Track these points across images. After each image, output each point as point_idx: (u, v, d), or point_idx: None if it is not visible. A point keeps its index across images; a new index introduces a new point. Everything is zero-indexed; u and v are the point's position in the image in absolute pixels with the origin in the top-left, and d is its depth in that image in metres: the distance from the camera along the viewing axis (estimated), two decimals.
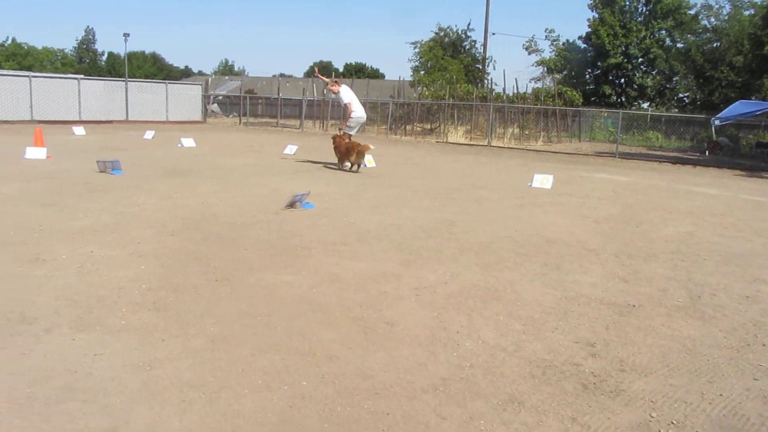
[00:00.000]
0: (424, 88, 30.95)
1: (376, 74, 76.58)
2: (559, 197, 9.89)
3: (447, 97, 26.75)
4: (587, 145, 23.27)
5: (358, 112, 12.83)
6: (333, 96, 13.89)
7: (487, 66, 35.92)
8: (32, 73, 26.86)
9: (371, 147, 12.24)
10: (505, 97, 26.70)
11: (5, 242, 5.69)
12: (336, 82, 13.23)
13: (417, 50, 36.03)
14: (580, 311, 4.52)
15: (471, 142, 22.60)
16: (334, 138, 12.72)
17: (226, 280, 4.87)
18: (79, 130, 19.09)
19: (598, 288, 5.11)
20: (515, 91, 27.57)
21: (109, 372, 3.26)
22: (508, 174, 13.18)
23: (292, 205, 7.81)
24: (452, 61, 34.27)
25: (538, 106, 25.15)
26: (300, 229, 6.69)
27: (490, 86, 31.07)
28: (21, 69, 57.06)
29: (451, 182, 11.23)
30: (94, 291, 4.48)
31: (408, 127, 26.29)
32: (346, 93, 12.79)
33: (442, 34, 36.57)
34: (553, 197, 9.85)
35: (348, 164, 12.17)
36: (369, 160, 13.00)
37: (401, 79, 32.17)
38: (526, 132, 24.87)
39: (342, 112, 12.96)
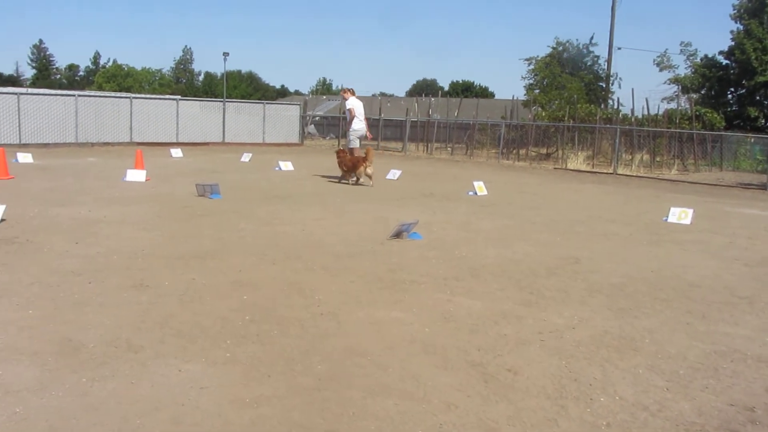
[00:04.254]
0: (540, 109, 30.64)
1: (485, 93, 76.66)
2: (701, 234, 9.44)
3: (566, 118, 26.33)
4: (730, 175, 22.13)
5: (357, 125, 14.63)
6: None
7: (612, 84, 35.23)
8: (133, 95, 28.77)
9: (372, 154, 13.75)
10: (633, 119, 25.91)
11: (110, 267, 6.08)
12: (350, 90, 14.95)
13: (531, 67, 35.86)
14: (734, 369, 4.27)
15: (593, 170, 22.04)
16: (337, 153, 14.58)
17: (332, 314, 4.97)
18: (176, 152, 20.21)
19: (754, 342, 4.81)
20: (645, 113, 26.73)
21: (216, 407, 3.39)
22: (638, 206, 12.75)
23: (398, 235, 7.89)
24: (571, 79, 33.81)
25: (672, 130, 24.22)
26: (408, 262, 6.75)
27: (615, 107, 30.34)
28: (121, 90, 61.52)
29: (573, 214, 10.99)
30: (198, 320, 4.70)
31: (521, 152, 26.02)
32: (354, 102, 14.66)
33: (560, 48, 36.25)
34: (694, 234, 9.41)
35: (355, 178, 13.77)
36: (480, 187, 12.97)
37: (514, 98, 31.93)
38: (658, 159, 23.99)
39: (347, 118, 14.96)
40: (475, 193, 12.79)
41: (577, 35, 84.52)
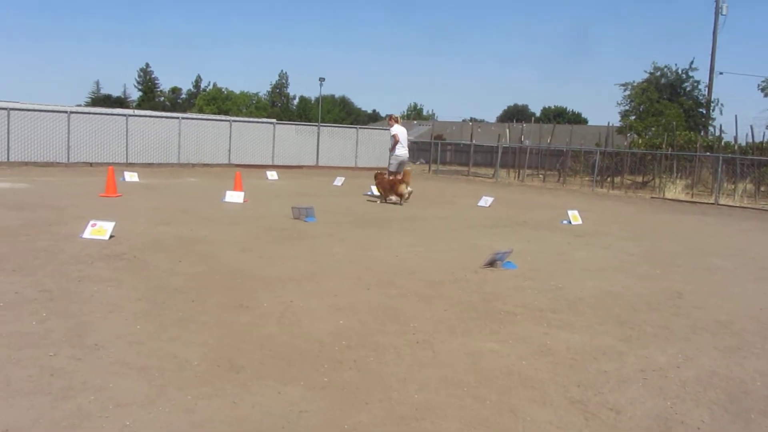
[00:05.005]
0: (636, 136, 29.77)
1: (578, 119, 75.27)
2: None
3: (664, 145, 25.48)
4: None
5: (399, 150, 15.33)
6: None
7: (713, 110, 33.88)
8: (232, 118, 29.87)
9: (409, 176, 14.77)
10: (736, 147, 24.80)
11: (211, 286, 6.29)
12: (395, 118, 15.94)
13: (627, 92, 34.99)
14: None
15: (693, 199, 21.19)
16: (376, 176, 15.45)
17: (427, 342, 4.95)
18: (272, 175, 20.80)
19: None
20: (749, 140, 25.52)
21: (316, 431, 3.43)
22: (743, 239, 12.15)
23: (492, 263, 7.81)
24: (670, 105, 32.73)
25: None
26: (503, 292, 6.66)
27: (717, 134, 29.13)
28: (220, 113, 64.05)
29: (673, 246, 10.58)
30: (296, 343, 4.78)
31: (616, 180, 25.32)
32: (397, 129, 15.40)
33: (658, 74, 35.21)
34: None
35: (393, 198, 14.62)
36: (574, 216, 12.69)
37: (609, 124, 31.18)
38: (763, 189, 22.82)
39: (391, 144, 15.72)
40: (570, 222, 12.52)
41: (676, 60, 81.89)
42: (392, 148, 15.55)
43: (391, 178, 15.10)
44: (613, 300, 6.57)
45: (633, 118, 33.42)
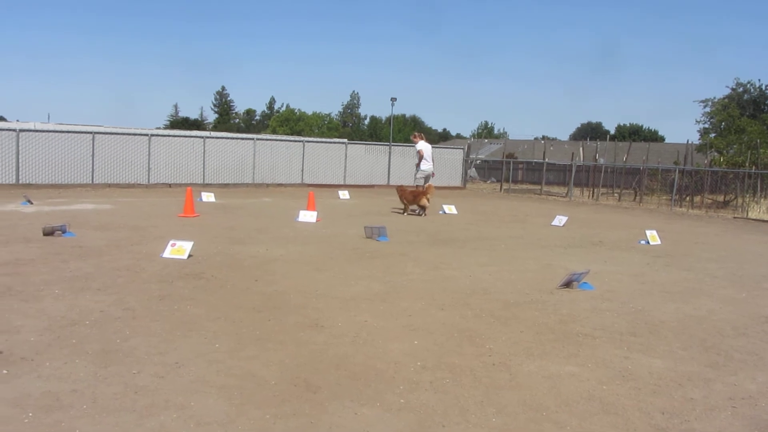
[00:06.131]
0: (717, 154, 28.77)
1: (654, 137, 73.34)
2: None
3: (747, 164, 24.51)
4: None
5: (424, 165, 16.54)
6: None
7: None
8: (305, 138, 30.37)
9: (432, 190, 16.06)
10: None
11: (287, 305, 6.38)
12: (420, 135, 17.17)
13: (707, 110, 33.94)
14: None
15: None
16: (397, 188, 16.62)
17: (503, 364, 4.87)
18: (344, 194, 21.01)
19: None
20: None
21: None
22: None
23: (568, 284, 7.65)
24: (752, 122, 31.53)
25: None
26: (580, 313, 6.50)
27: None
28: (293, 133, 65.41)
29: (760, 268, 10.12)
30: (371, 363, 4.79)
31: (696, 199, 24.49)
32: (422, 145, 16.61)
33: (740, 90, 34.04)
34: None
35: (416, 209, 15.81)
36: (653, 236, 12.31)
37: (689, 142, 30.25)
38: None
39: (417, 160, 16.90)
40: (648, 242, 12.16)
41: (759, 75, 78.80)
42: (418, 164, 16.64)
43: (411, 190, 16.24)
44: (697, 324, 6.33)
45: (713, 135, 32.35)
